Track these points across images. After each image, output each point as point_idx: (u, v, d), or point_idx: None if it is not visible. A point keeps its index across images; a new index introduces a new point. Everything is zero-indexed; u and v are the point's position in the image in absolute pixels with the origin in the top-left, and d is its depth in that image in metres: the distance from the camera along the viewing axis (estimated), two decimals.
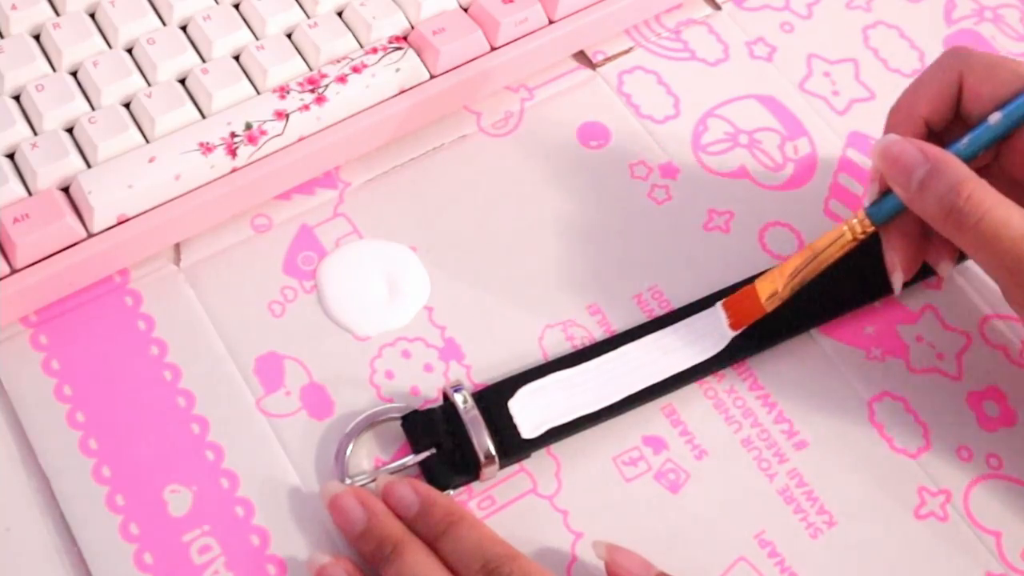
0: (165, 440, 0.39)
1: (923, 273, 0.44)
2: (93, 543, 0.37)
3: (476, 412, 0.38)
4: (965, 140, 0.37)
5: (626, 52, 0.49)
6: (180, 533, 0.37)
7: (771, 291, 0.40)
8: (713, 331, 0.41)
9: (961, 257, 0.41)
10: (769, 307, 0.40)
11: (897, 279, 0.39)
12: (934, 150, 0.36)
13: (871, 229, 0.38)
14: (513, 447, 0.39)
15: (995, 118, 0.37)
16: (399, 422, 0.39)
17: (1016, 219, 0.35)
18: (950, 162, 0.36)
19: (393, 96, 0.44)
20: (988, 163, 0.39)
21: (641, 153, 0.47)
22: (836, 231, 0.39)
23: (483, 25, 0.45)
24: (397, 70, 0.44)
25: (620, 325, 0.42)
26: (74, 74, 0.42)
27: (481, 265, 0.43)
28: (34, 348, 0.40)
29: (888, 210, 0.38)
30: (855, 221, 0.38)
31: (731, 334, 0.41)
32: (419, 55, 0.44)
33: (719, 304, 0.41)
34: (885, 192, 0.38)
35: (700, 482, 0.40)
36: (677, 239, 0.45)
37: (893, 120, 0.40)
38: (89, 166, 0.40)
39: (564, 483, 0.39)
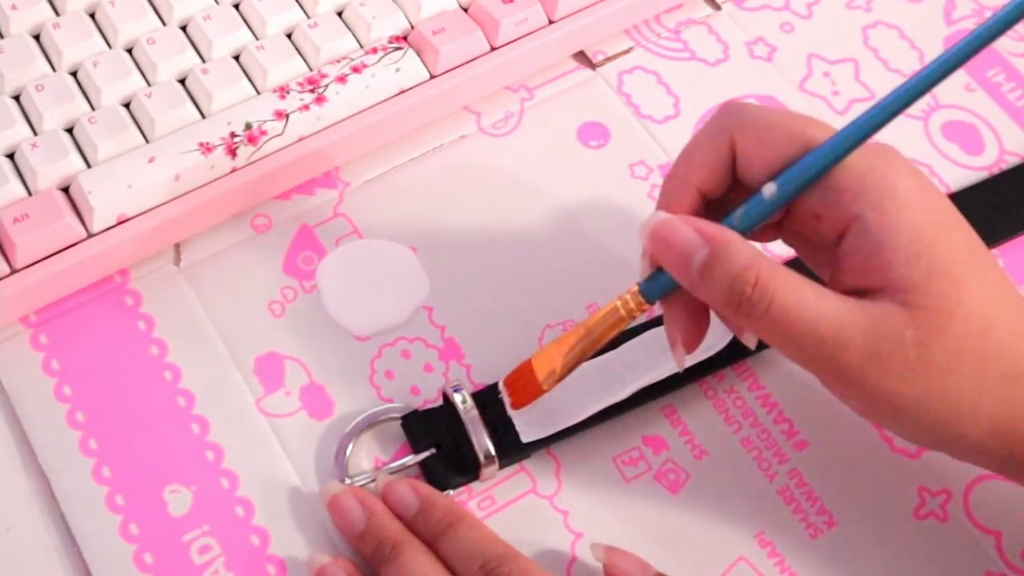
0: (165, 440, 0.39)
1: None
2: (93, 543, 0.37)
3: (476, 412, 0.38)
4: (740, 212, 0.33)
5: (626, 52, 0.49)
6: (180, 533, 0.37)
7: (548, 370, 0.37)
8: (713, 330, 0.41)
9: None
10: (547, 387, 0.37)
11: (679, 355, 0.35)
12: (711, 230, 0.32)
13: (646, 307, 0.35)
14: (513, 447, 0.39)
15: (769, 190, 0.33)
16: (399, 422, 0.39)
17: (809, 299, 0.32)
18: (731, 244, 0.32)
19: (393, 96, 0.44)
20: (779, 219, 0.35)
21: (641, 153, 0.47)
22: (610, 308, 0.35)
23: (483, 25, 0.45)
24: (397, 70, 0.44)
25: None
26: (74, 74, 0.42)
27: (481, 265, 0.43)
28: (34, 348, 0.40)
29: (662, 287, 0.34)
30: (628, 297, 0.35)
31: (728, 337, 0.40)
32: (419, 55, 0.44)
33: (501, 382, 0.39)
34: (659, 268, 0.34)
35: (700, 482, 0.40)
36: None
37: (665, 191, 0.36)
38: (89, 166, 0.40)
39: (564, 483, 0.39)
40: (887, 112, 0.32)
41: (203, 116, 0.42)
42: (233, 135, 0.41)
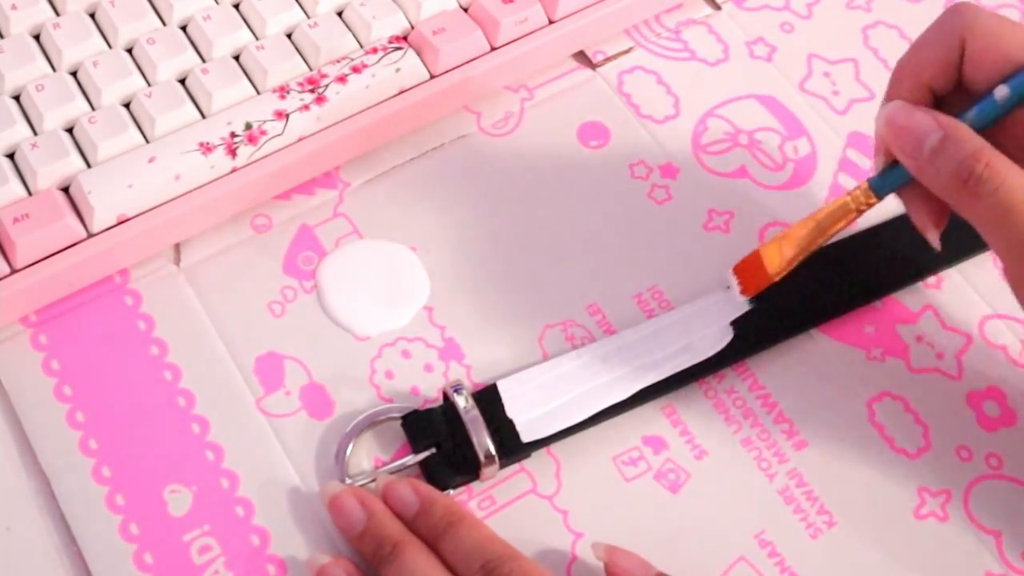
0: (165, 440, 0.39)
1: (921, 273, 0.44)
2: (93, 543, 0.37)
3: (477, 412, 0.38)
4: (972, 113, 0.35)
5: (626, 52, 0.49)
6: (180, 533, 0.37)
7: (778, 260, 0.40)
8: (714, 322, 0.41)
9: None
10: (777, 276, 0.40)
11: (932, 236, 0.37)
12: (946, 118, 0.35)
13: (874, 201, 0.38)
14: (514, 447, 0.39)
15: (1002, 93, 0.34)
16: (399, 422, 0.39)
17: None
18: (964, 130, 0.34)
19: (393, 96, 0.44)
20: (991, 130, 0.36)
21: (641, 153, 0.47)
22: (839, 201, 0.38)
23: (483, 25, 0.45)
24: (397, 70, 0.44)
25: (620, 325, 0.42)
26: (74, 74, 0.42)
27: (481, 265, 0.43)
28: (34, 348, 0.40)
29: (893, 182, 0.37)
30: (858, 192, 0.38)
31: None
32: (419, 55, 0.44)
33: (730, 271, 0.42)
34: (892, 163, 0.37)
35: (700, 482, 0.40)
36: (677, 239, 0.45)
37: (895, 86, 0.37)
38: (89, 166, 0.40)
39: (564, 483, 0.39)
40: None
41: (203, 116, 0.42)
42: (233, 135, 0.41)
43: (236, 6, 0.45)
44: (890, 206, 0.39)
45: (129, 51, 0.43)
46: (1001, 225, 0.34)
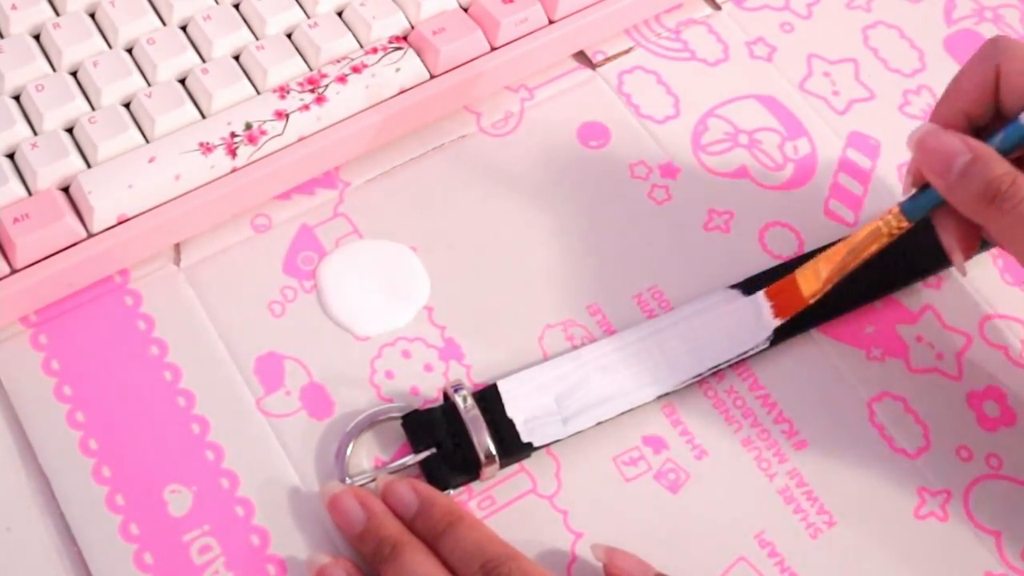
0: (165, 440, 0.39)
1: (921, 273, 0.44)
2: (93, 543, 0.37)
3: (477, 412, 0.38)
4: (999, 137, 0.36)
5: (626, 52, 0.49)
6: (180, 533, 0.37)
7: (813, 284, 0.40)
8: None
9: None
10: (811, 300, 0.40)
11: (959, 259, 0.38)
12: (974, 141, 0.36)
13: (905, 225, 0.38)
14: (514, 447, 0.39)
15: None
16: (399, 422, 0.39)
17: None
18: (992, 153, 0.35)
19: (393, 96, 0.44)
20: (1018, 158, 0.37)
21: (641, 153, 0.47)
22: (872, 227, 0.38)
23: (483, 25, 0.45)
24: (397, 70, 0.44)
25: (620, 325, 0.42)
26: (74, 74, 0.42)
27: (481, 265, 0.43)
28: (34, 348, 0.40)
29: (923, 205, 0.38)
30: (890, 216, 0.38)
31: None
32: (419, 55, 0.44)
33: (761, 293, 0.41)
34: (922, 187, 0.38)
35: (700, 482, 0.40)
36: (677, 239, 0.45)
37: (935, 113, 0.39)
38: (89, 166, 0.40)
39: (564, 483, 0.39)
40: None
41: (203, 116, 0.42)
42: (233, 135, 0.41)
43: (236, 6, 0.45)
44: None
45: (129, 51, 0.43)
46: None
